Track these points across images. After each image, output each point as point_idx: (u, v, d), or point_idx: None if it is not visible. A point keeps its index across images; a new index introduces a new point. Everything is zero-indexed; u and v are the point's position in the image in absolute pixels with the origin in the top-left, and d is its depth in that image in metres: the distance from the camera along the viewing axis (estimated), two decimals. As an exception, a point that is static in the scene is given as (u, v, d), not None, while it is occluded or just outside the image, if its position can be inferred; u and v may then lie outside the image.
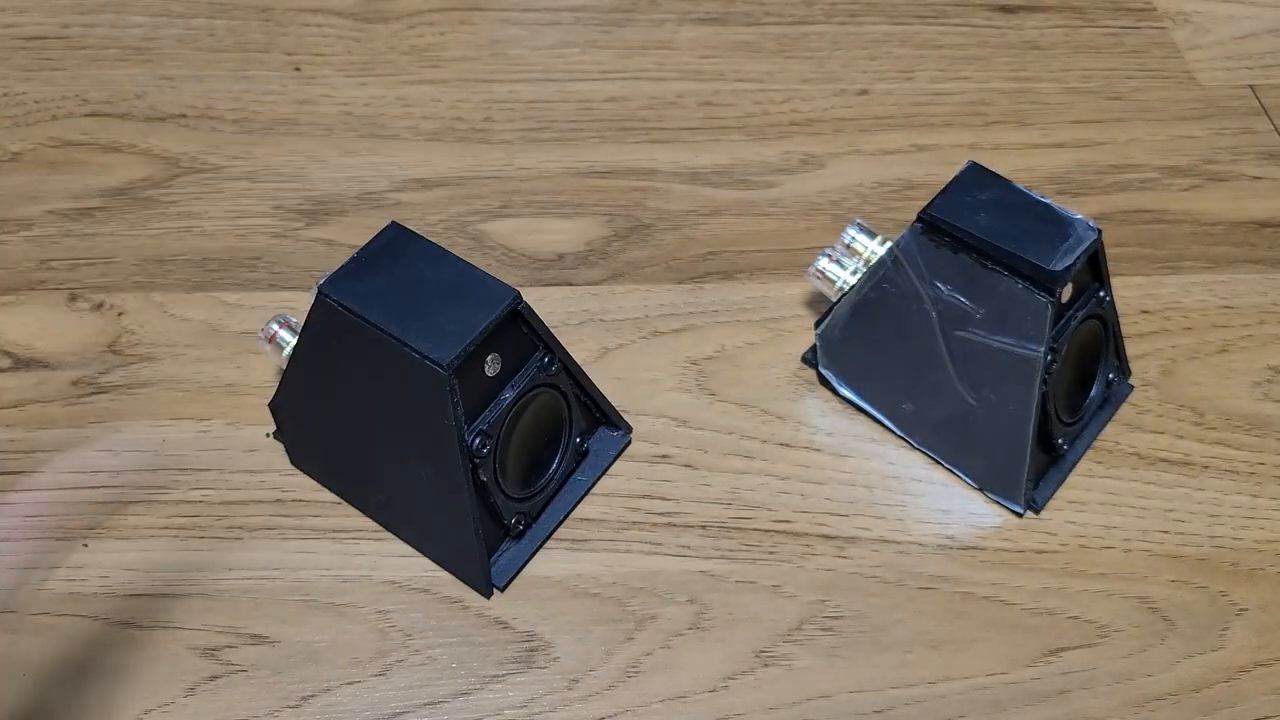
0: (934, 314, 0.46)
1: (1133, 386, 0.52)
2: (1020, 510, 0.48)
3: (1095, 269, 0.47)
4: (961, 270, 0.45)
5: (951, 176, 0.47)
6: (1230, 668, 0.45)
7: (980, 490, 0.48)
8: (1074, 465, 0.49)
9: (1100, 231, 0.45)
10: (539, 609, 0.45)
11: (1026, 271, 0.44)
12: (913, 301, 0.47)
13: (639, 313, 0.54)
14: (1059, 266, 0.43)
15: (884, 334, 0.48)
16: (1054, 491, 0.48)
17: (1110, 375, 0.50)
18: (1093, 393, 0.49)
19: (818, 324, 0.50)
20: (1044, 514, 0.48)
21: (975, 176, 0.46)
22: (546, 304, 0.54)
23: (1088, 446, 0.50)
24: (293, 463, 0.48)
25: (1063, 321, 0.45)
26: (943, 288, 0.46)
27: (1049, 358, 0.44)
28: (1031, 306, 0.44)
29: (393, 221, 0.44)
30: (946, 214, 0.45)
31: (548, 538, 0.47)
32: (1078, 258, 0.43)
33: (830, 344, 0.50)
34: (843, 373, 0.50)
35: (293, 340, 0.47)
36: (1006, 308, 0.45)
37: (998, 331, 0.45)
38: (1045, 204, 0.45)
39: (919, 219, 0.45)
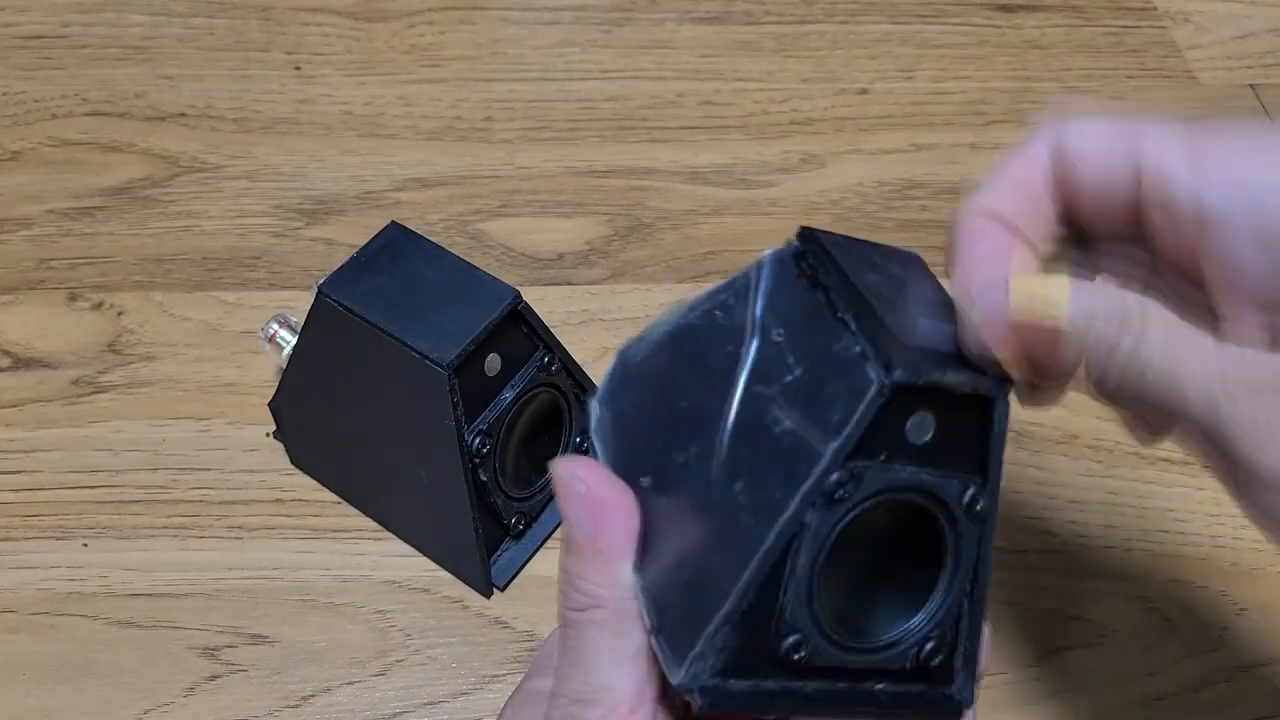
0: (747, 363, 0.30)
1: None
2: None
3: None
4: (807, 313, 0.30)
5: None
6: (1230, 668, 0.45)
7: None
8: None
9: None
10: (539, 609, 0.45)
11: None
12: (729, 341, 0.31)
13: (639, 312, 0.54)
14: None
15: (678, 372, 0.32)
16: None
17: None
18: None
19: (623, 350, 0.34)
20: (1043, 513, 0.48)
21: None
22: (546, 304, 0.54)
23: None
24: (293, 462, 0.48)
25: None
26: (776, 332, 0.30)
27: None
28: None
29: (393, 221, 0.44)
30: (827, 241, 0.31)
31: (548, 538, 0.47)
32: None
33: (624, 368, 0.34)
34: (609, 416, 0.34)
35: (293, 340, 0.47)
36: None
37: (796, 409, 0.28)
38: None
39: (800, 232, 0.32)
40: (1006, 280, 0.29)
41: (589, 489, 0.29)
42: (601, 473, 0.30)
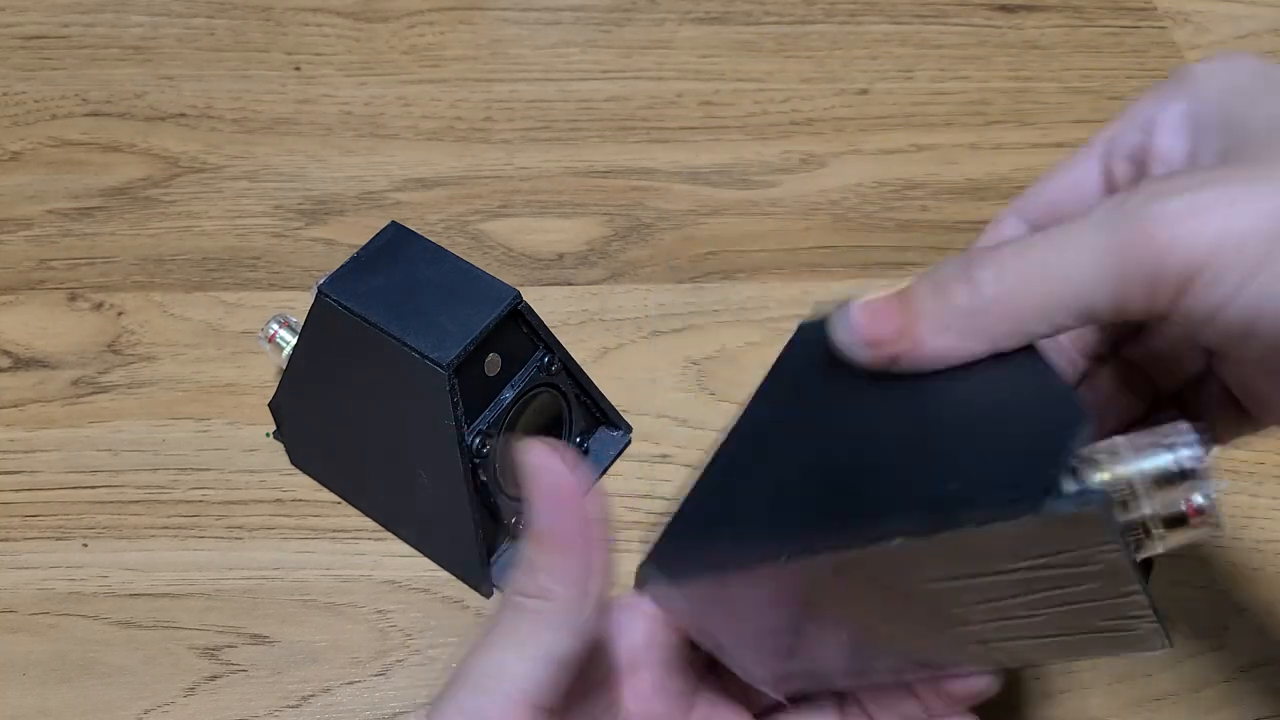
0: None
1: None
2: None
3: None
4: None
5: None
6: (1230, 668, 0.45)
7: None
8: None
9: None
10: (539, 609, 0.45)
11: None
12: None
13: (639, 313, 0.54)
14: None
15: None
16: None
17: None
18: None
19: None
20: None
21: None
22: (546, 304, 0.54)
23: None
24: (293, 463, 0.48)
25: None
26: None
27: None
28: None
29: (393, 221, 0.44)
30: None
31: (548, 537, 0.47)
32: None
33: None
34: None
35: (293, 340, 0.47)
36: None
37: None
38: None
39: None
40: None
41: (555, 480, 0.29)
42: (569, 465, 0.30)
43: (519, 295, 0.42)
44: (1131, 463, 0.28)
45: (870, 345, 0.30)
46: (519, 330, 0.43)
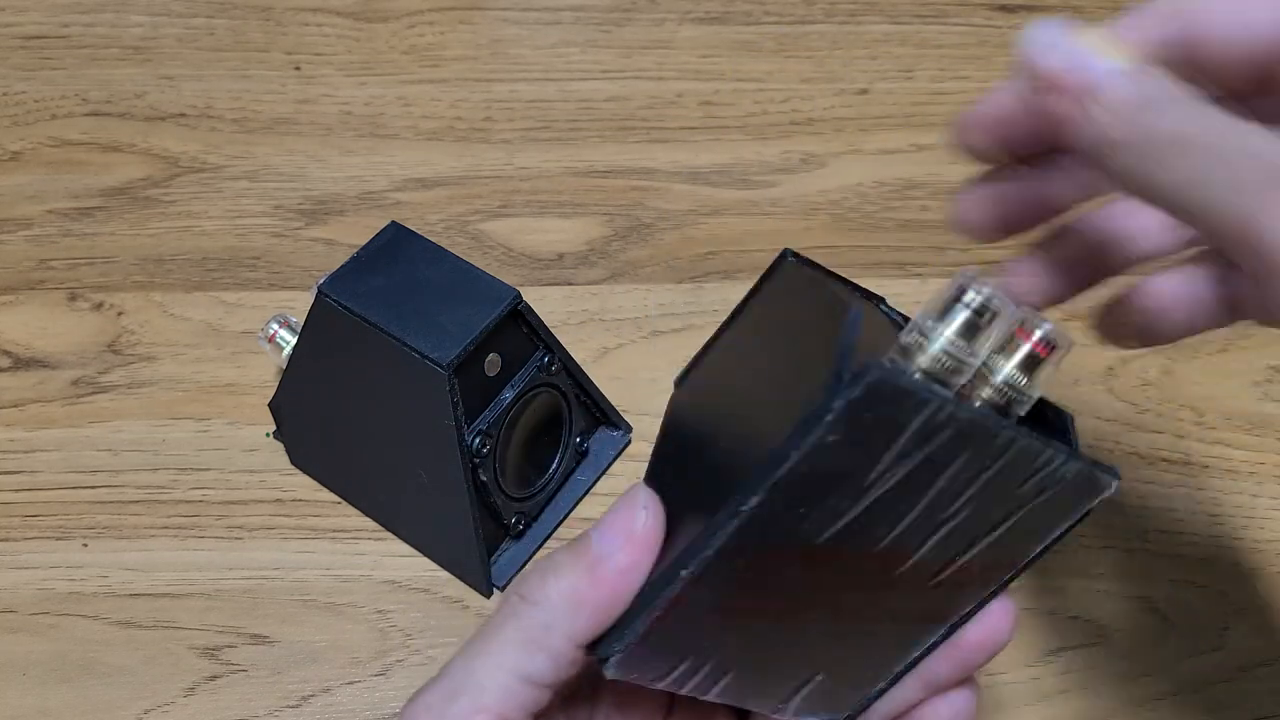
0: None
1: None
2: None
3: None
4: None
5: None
6: (1230, 668, 0.45)
7: None
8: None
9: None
10: (539, 609, 0.45)
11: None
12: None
13: (639, 313, 0.54)
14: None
15: None
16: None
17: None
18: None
19: None
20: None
21: None
22: (546, 304, 0.54)
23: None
24: (293, 463, 0.48)
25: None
26: None
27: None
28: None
29: (393, 221, 0.44)
30: None
31: (548, 538, 0.47)
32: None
33: None
34: None
35: (293, 340, 0.47)
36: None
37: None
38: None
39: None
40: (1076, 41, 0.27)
41: (638, 522, 0.28)
42: (658, 520, 0.29)
43: (519, 295, 0.42)
44: (936, 331, 0.27)
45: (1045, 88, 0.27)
46: (519, 330, 0.43)
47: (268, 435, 0.49)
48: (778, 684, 0.32)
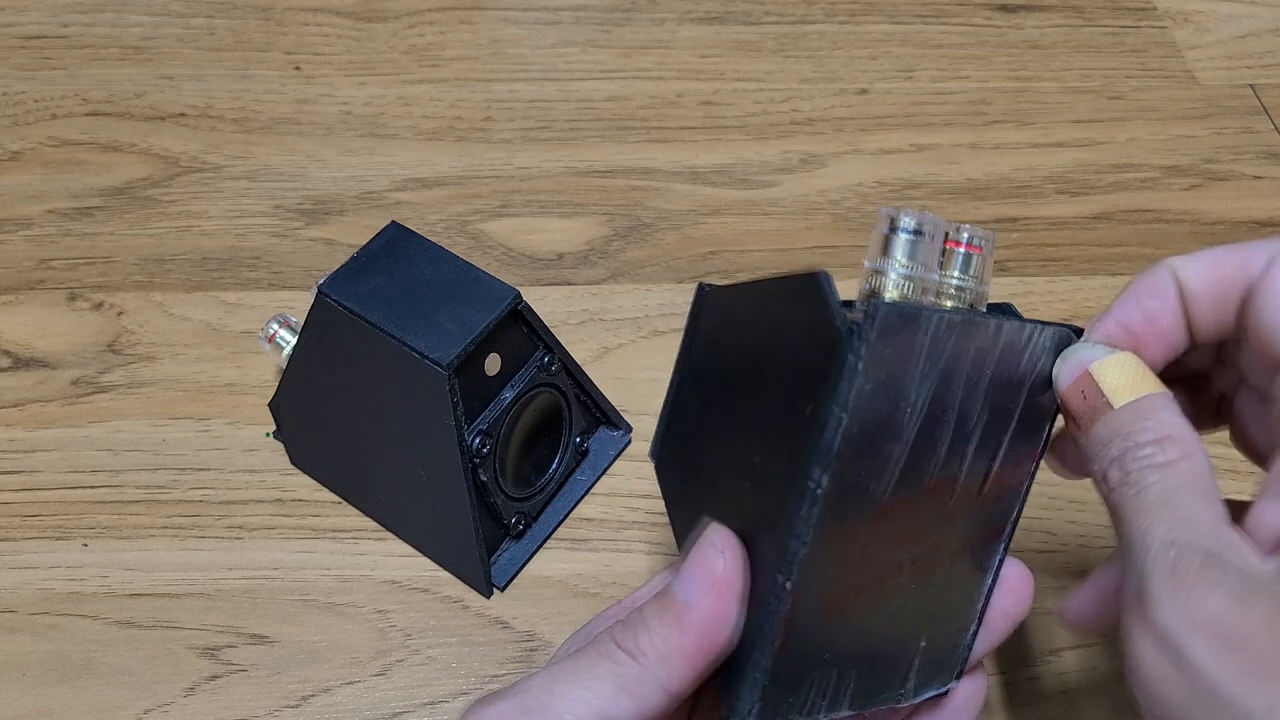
0: None
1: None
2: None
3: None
4: None
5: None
6: (1230, 668, 0.44)
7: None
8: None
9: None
10: (539, 609, 0.45)
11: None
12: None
13: (639, 312, 0.54)
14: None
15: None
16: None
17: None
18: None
19: None
20: (1043, 513, 0.48)
21: None
22: (546, 304, 0.54)
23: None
24: (293, 463, 0.48)
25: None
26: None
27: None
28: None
29: (393, 221, 0.44)
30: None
31: (548, 537, 0.47)
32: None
33: None
34: None
35: (293, 340, 0.47)
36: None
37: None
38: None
39: None
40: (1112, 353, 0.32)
41: (720, 566, 0.29)
42: (740, 565, 0.29)
43: (519, 295, 0.42)
44: (889, 262, 0.31)
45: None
46: (519, 330, 0.43)
47: (268, 435, 0.49)
48: (894, 668, 0.33)
